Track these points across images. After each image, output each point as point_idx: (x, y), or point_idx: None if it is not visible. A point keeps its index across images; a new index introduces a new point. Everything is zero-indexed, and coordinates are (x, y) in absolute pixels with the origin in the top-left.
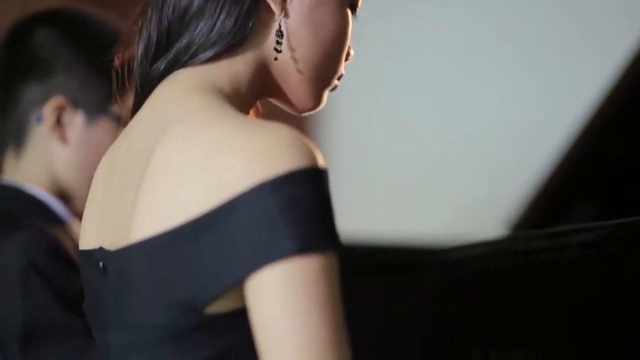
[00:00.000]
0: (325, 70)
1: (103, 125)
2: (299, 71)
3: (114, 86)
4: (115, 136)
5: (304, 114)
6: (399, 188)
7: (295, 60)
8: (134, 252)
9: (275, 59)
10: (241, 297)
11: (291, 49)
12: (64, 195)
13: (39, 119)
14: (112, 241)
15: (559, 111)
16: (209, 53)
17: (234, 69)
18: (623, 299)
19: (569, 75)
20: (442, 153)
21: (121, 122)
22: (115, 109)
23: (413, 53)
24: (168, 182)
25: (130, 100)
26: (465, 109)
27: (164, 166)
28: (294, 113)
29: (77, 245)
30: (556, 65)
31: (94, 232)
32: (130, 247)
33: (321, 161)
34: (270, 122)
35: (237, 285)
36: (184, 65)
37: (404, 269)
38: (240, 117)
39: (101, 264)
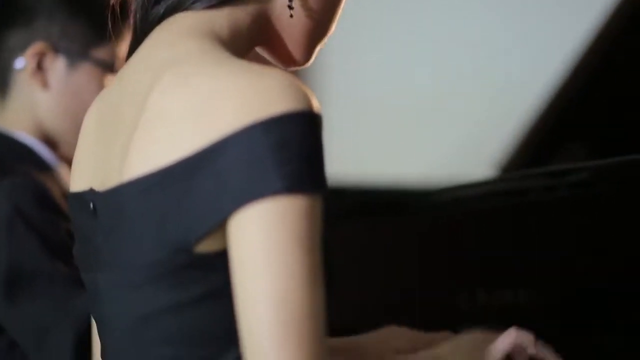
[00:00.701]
0: (324, 26)
1: (85, 71)
2: (303, 27)
3: (109, 27)
4: (98, 81)
5: (290, 69)
6: (390, 131)
7: (301, 16)
8: (126, 191)
9: (291, 16)
10: None
11: (302, 7)
12: (50, 141)
13: (21, 65)
14: (103, 183)
15: (550, 50)
16: (213, 1)
17: (235, 16)
18: (613, 239)
19: (561, 14)
20: (432, 94)
21: (112, 67)
22: (99, 54)
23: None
24: (162, 126)
25: (124, 43)
26: (454, 50)
27: (159, 111)
28: (280, 66)
29: (64, 192)
30: (548, 4)
31: (85, 175)
32: (121, 186)
33: (316, 106)
34: (266, 66)
35: (225, 223)
36: (184, 10)
37: (395, 211)
38: (235, 61)
39: (92, 204)
